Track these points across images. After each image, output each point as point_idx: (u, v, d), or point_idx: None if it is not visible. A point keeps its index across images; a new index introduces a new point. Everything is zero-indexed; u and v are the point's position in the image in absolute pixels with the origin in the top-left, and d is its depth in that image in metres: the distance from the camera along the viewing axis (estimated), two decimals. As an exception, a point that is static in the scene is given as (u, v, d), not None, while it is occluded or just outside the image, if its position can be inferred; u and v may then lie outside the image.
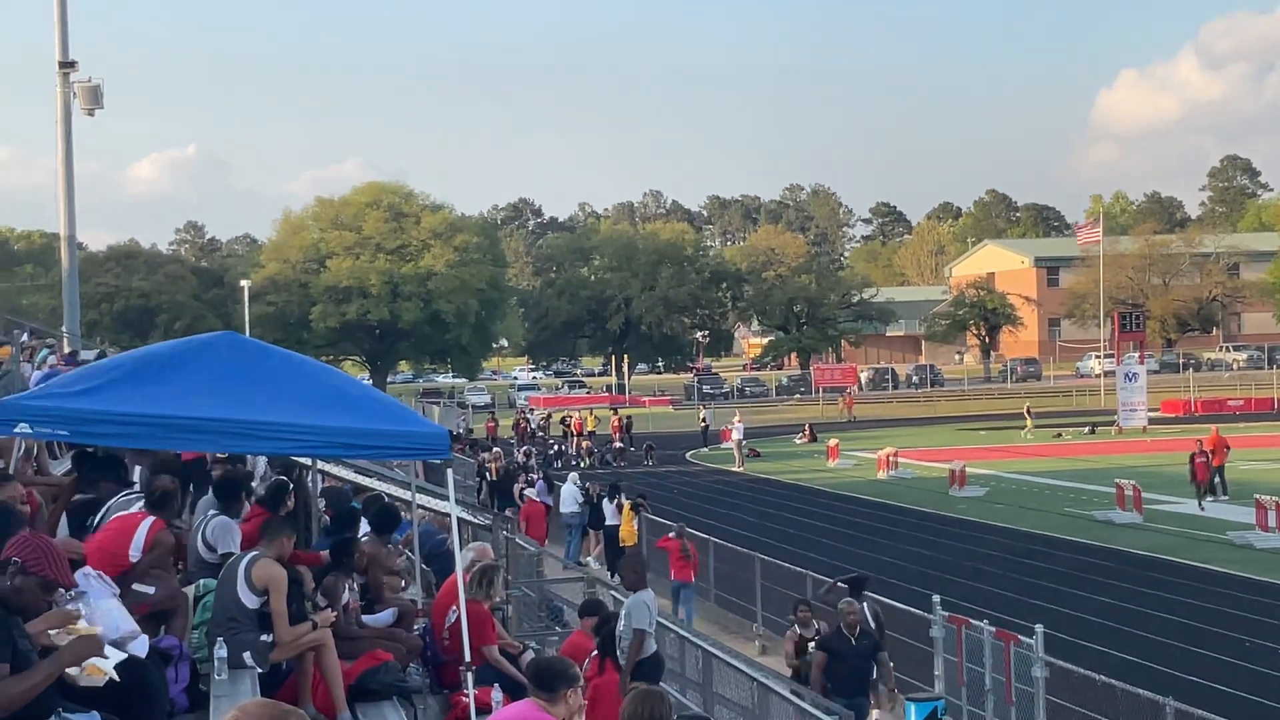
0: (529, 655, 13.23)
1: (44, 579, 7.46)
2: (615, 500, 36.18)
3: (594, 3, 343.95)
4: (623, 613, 13.22)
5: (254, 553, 10.81)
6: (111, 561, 10.25)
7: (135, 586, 10.01)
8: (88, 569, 8.85)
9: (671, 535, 30.06)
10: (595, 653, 11.64)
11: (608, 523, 36.26)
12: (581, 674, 8.17)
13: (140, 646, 8.32)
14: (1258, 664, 24.40)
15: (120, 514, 11.24)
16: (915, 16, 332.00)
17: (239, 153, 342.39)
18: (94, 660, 7.39)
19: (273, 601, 10.67)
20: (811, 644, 18.86)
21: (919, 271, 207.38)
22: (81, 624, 7.69)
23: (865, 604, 20.25)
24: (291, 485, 14.11)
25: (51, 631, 7.52)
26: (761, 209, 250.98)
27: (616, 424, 72.17)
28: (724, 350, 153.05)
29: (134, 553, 10.53)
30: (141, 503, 11.38)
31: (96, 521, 11.70)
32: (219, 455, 13.86)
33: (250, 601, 10.53)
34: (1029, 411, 77.33)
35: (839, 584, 21.13)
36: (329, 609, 11.40)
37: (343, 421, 11.17)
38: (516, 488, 43.51)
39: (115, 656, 7.55)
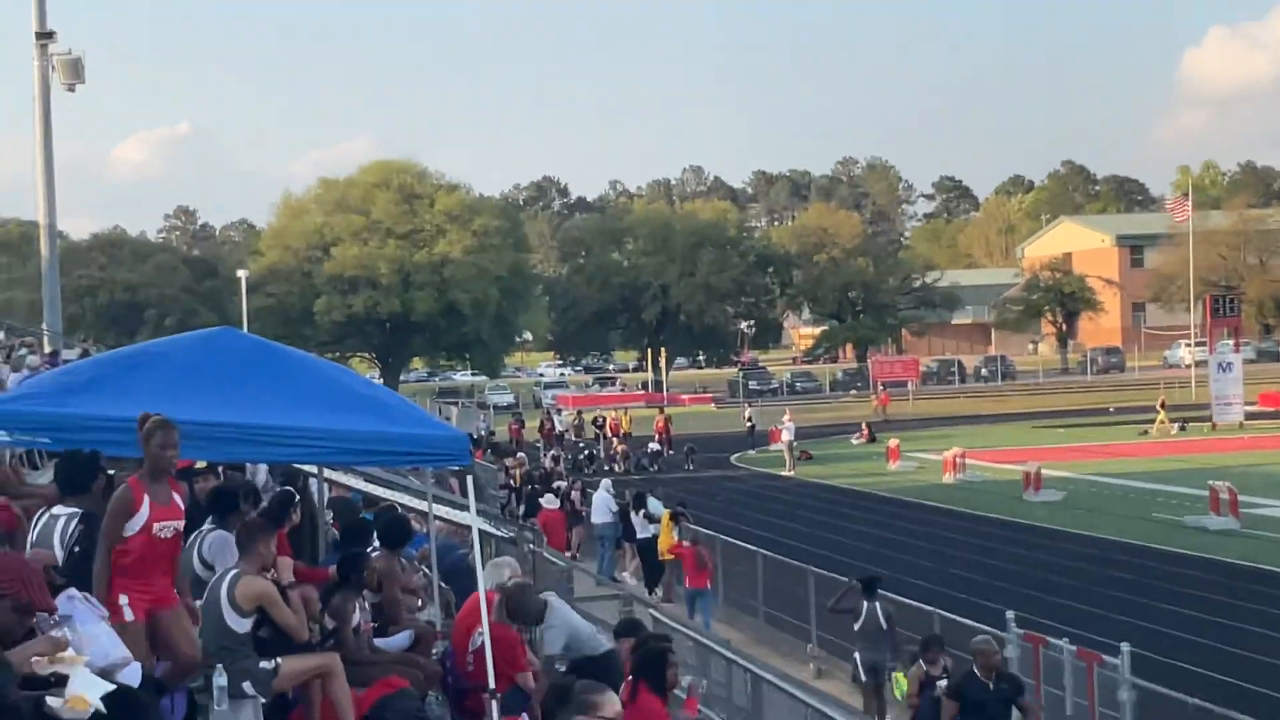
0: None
1: (18, 602, 7.50)
2: (642, 511, 36.18)
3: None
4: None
5: (233, 571, 10.73)
6: None
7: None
8: (73, 591, 8.88)
9: (686, 541, 31.54)
10: (630, 677, 11.63)
11: (639, 536, 36.28)
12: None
13: (132, 675, 8.34)
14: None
15: None
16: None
17: (236, 130, 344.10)
18: (78, 690, 7.41)
19: (275, 615, 10.64)
20: (940, 682, 18.08)
21: (987, 252, 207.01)
22: (69, 652, 7.72)
23: (878, 604, 22.34)
24: (297, 496, 14.13)
25: (34, 659, 7.56)
26: (812, 185, 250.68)
27: (661, 425, 72.08)
28: (772, 342, 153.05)
29: None
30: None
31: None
32: (203, 464, 13.85)
33: (239, 626, 10.46)
34: (1163, 405, 75.50)
35: (853, 583, 23.17)
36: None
37: (351, 425, 11.20)
38: (571, 493, 42.97)
39: (102, 687, 7.56)
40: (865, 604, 22.33)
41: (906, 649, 21.26)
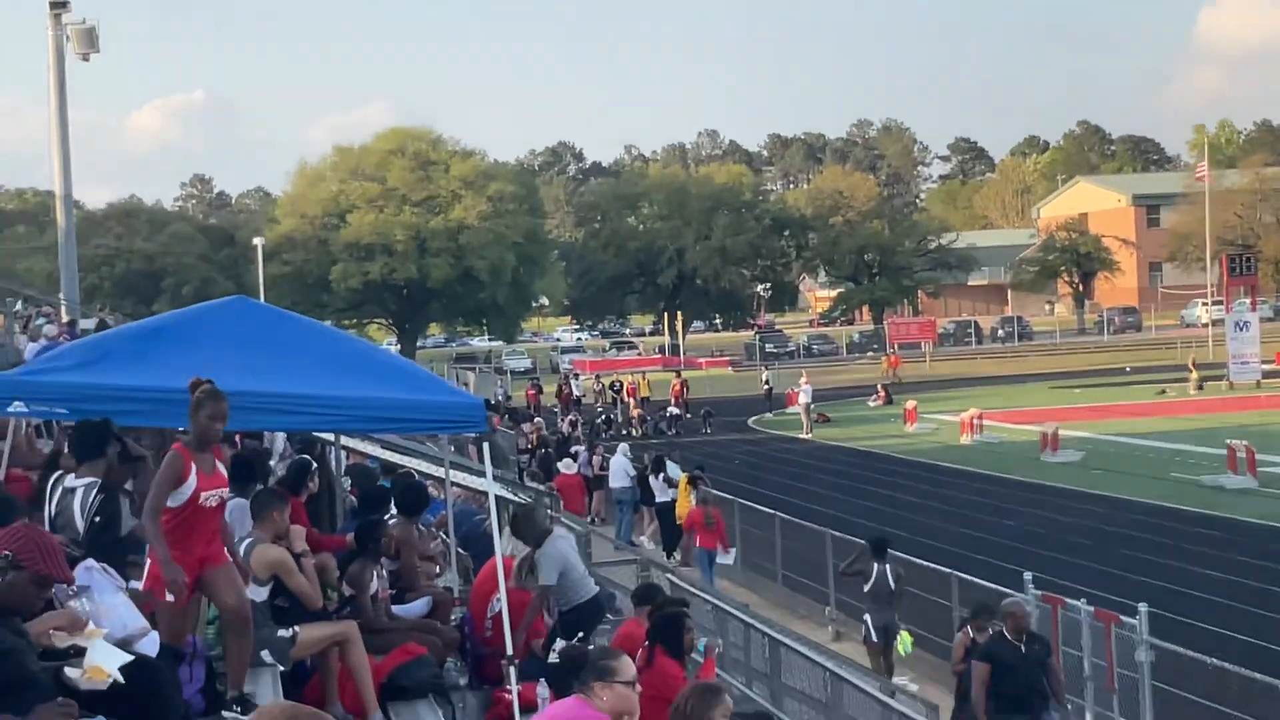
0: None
1: (37, 574, 7.51)
2: (661, 474, 36.23)
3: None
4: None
5: (248, 540, 10.75)
6: None
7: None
8: (90, 562, 8.90)
9: (695, 502, 31.62)
10: (647, 642, 11.64)
11: (658, 500, 36.33)
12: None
13: (150, 645, 8.36)
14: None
15: None
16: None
17: (251, 98, 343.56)
18: (96, 661, 7.43)
19: (290, 584, 10.68)
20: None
21: (1003, 213, 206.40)
22: (89, 626, 7.74)
23: (888, 566, 22.39)
24: (314, 464, 14.15)
25: (53, 632, 7.58)
26: (827, 148, 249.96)
27: (678, 388, 72.16)
28: (788, 305, 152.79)
29: None
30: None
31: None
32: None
33: (255, 594, 10.47)
34: (1194, 364, 75.53)
35: (863, 546, 23.39)
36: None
37: (368, 392, 11.21)
38: (593, 458, 43.07)
39: (120, 657, 7.59)
40: (875, 566, 22.35)
41: (958, 615, 21.24)
